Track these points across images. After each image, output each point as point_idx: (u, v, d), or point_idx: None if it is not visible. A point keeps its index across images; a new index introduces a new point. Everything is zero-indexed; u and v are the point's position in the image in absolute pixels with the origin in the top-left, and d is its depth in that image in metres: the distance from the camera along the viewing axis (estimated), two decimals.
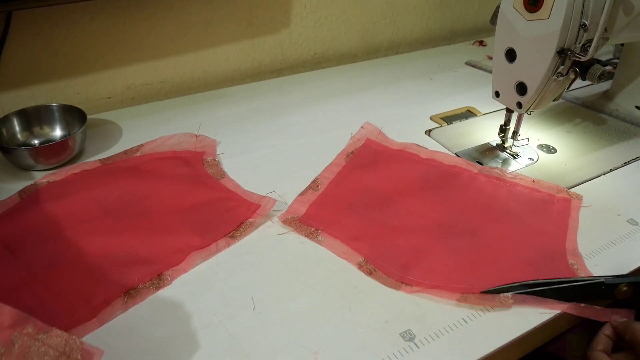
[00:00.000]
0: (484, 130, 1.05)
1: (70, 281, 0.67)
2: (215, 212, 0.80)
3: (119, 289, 0.66)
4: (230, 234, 0.75)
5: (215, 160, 0.93)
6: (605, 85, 1.16)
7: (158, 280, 0.68)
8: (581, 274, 0.69)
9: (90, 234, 0.75)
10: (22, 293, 0.65)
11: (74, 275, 0.68)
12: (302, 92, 1.21)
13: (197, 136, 0.99)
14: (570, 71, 0.82)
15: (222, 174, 0.89)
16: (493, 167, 0.90)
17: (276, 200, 0.81)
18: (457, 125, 1.08)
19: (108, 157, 0.93)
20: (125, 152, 0.94)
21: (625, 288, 0.65)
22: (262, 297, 0.66)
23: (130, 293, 0.65)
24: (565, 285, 0.66)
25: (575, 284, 0.66)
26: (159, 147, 0.96)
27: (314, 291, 0.67)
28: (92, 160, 0.93)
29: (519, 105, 0.87)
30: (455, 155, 0.95)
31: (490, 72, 0.92)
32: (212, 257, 0.72)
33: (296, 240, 0.75)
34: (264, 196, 0.82)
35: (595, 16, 0.75)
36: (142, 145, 0.96)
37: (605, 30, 0.78)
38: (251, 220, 0.78)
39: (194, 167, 0.91)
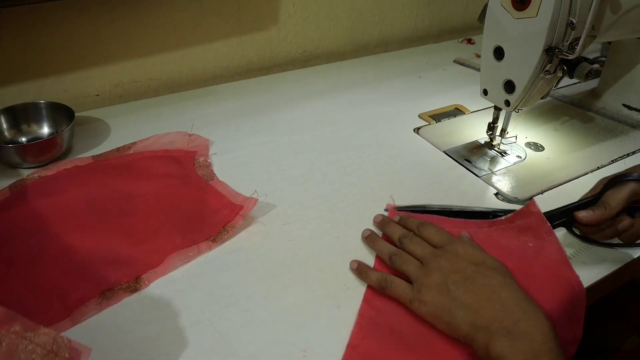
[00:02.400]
0: (472, 128, 1.05)
1: (48, 278, 0.67)
2: (199, 215, 0.79)
3: (94, 289, 0.65)
4: (212, 238, 0.75)
5: (207, 161, 0.92)
6: (592, 84, 1.17)
7: (135, 283, 0.67)
8: None
9: (74, 230, 0.74)
10: (0, 287, 0.65)
11: (53, 272, 0.68)
12: (291, 89, 1.20)
13: (190, 135, 0.99)
14: (557, 69, 0.82)
15: (212, 175, 0.89)
16: None
17: (257, 200, 0.80)
18: (446, 123, 1.08)
19: (100, 154, 0.93)
20: (117, 149, 0.94)
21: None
22: (250, 295, 0.66)
23: (105, 294, 0.65)
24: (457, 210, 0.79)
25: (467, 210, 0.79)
26: (152, 146, 0.96)
27: (302, 289, 0.67)
28: (84, 156, 0.93)
29: (507, 103, 0.87)
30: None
31: (479, 70, 0.93)
32: (192, 260, 0.72)
33: (285, 238, 0.75)
34: (249, 197, 0.81)
35: (582, 14, 0.75)
36: (134, 143, 0.96)
37: (593, 28, 0.78)
38: (233, 223, 0.77)
39: (184, 167, 0.90)
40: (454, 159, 0.95)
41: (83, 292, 0.65)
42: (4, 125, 0.95)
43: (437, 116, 1.11)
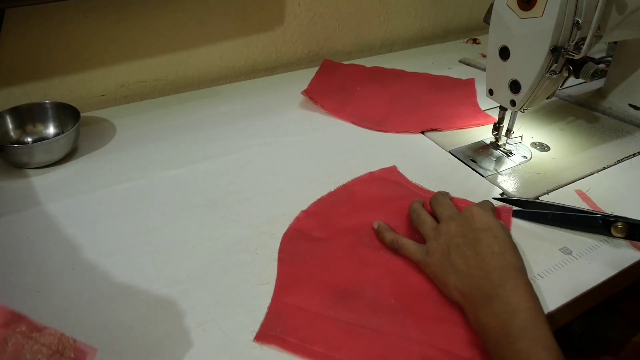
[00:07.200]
0: (478, 128, 1.05)
1: None
2: None
3: None
4: None
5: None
6: (598, 83, 1.16)
7: None
8: None
9: None
10: None
11: None
12: (296, 90, 1.20)
13: None
14: (563, 69, 0.82)
15: None
16: None
17: None
18: None
19: None
20: None
21: (620, 225, 0.73)
22: (256, 295, 0.66)
23: None
24: (565, 213, 0.77)
25: (576, 214, 0.77)
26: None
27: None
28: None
29: (513, 103, 0.87)
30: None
31: (484, 70, 0.93)
32: None
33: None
34: None
35: (588, 14, 0.75)
36: None
37: (599, 28, 0.78)
38: None
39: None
40: (459, 159, 0.95)
41: None
42: (10, 126, 0.95)
43: None
